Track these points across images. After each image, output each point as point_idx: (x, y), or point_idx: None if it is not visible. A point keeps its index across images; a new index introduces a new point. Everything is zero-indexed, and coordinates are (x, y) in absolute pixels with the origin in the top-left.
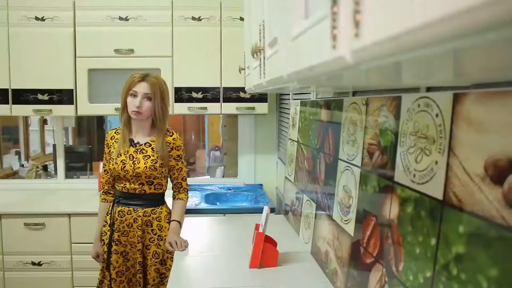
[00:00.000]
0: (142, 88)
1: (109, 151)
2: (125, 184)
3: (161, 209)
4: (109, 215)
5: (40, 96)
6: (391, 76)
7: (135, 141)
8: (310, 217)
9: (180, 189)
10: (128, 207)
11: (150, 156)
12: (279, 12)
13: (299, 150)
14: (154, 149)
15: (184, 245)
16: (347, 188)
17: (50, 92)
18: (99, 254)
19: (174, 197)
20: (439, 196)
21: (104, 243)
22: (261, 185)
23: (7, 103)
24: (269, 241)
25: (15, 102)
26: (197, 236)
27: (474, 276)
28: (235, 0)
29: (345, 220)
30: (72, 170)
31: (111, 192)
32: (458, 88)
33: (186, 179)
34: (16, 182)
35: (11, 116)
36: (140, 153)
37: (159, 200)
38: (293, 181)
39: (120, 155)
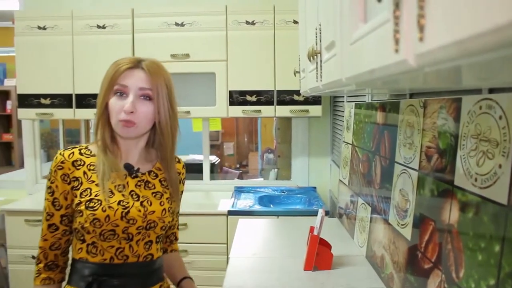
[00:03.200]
0: (135, 79)
1: (73, 187)
2: (120, 248)
3: (167, 283)
4: None
5: None
6: (452, 78)
7: (135, 168)
8: (365, 221)
9: (173, 240)
10: None
11: (162, 194)
12: (336, 16)
13: (354, 152)
14: (162, 182)
15: None
16: (404, 192)
17: None
18: None
19: (165, 251)
20: (503, 201)
21: None
22: (315, 187)
23: (71, 107)
24: (324, 244)
25: (78, 106)
26: (251, 238)
27: None
28: (289, 3)
29: (402, 224)
30: None
31: (59, 264)
32: None
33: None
34: None
35: (74, 119)
36: (146, 189)
37: (162, 268)
38: (347, 184)
39: (112, 192)
